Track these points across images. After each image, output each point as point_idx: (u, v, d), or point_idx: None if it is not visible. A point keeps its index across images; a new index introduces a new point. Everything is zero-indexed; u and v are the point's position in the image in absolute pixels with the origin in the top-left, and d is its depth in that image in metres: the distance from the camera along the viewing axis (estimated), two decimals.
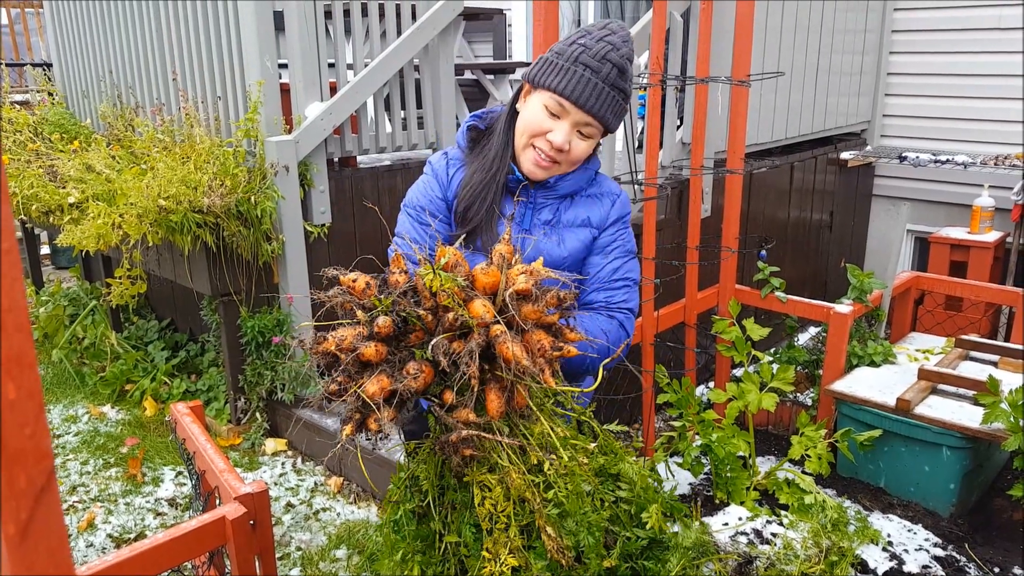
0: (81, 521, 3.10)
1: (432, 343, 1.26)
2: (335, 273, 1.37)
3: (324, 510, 3.19)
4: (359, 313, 1.32)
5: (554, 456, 1.38)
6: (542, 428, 1.39)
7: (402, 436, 1.70)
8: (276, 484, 3.37)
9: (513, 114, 1.76)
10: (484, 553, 1.35)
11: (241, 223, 3.35)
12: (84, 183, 3.62)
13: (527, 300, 1.31)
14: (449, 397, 1.29)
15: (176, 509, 3.23)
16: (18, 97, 6.37)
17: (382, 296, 1.31)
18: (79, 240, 3.36)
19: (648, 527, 1.51)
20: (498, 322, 1.27)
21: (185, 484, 3.37)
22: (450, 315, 1.27)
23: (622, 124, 1.81)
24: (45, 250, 6.86)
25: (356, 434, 1.30)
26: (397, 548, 1.53)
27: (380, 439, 1.31)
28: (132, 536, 3.05)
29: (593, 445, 1.48)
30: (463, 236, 1.66)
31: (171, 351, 4.46)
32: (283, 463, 3.54)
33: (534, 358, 1.28)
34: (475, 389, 1.26)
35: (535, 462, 1.38)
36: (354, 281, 1.35)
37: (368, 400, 1.24)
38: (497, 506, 1.35)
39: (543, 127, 1.66)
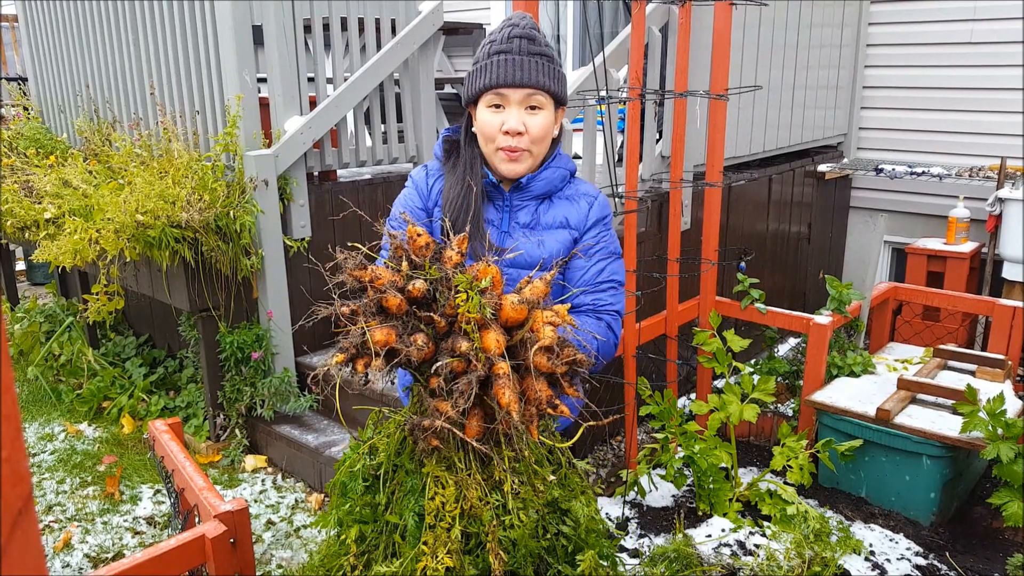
0: (57, 541, 3.05)
1: (436, 365, 1.30)
2: (405, 218, 1.47)
3: (305, 527, 3.16)
4: (404, 264, 1.39)
5: (516, 481, 1.39)
6: (514, 454, 1.39)
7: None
8: (256, 501, 3.33)
9: (471, 137, 1.84)
10: (423, 547, 1.36)
11: (220, 238, 3.32)
12: (60, 198, 3.58)
13: (546, 352, 1.33)
14: (435, 383, 1.32)
15: (155, 528, 3.19)
16: None
17: (433, 266, 1.38)
18: (55, 256, 3.32)
19: (579, 570, 1.49)
20: (504, 360, 1.29)
21: (164, 502, 3.33)
22: (463, 344, 1.29)
23: (601, 136, 1.84)
24: (20, 266, 6.77)
25: (344, 366, 1.34)
26: (341, 507, 1.53)
27: (362, 382, 1.35)
28: (110, 556, 3.00)
29: (552, 479, 1.48)
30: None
31: (149, 367, 4.41)
32: (263, 480, 3.51)
33: (528, 405, 1.31)
34: (460, 410, 1.28)
35: (497, 479, 1.39)
36: (418, 235, 1.41)
37: (371, 344, 1.29)
38: (446, 505, 1.37)
39: (495, 123, 1.74)
